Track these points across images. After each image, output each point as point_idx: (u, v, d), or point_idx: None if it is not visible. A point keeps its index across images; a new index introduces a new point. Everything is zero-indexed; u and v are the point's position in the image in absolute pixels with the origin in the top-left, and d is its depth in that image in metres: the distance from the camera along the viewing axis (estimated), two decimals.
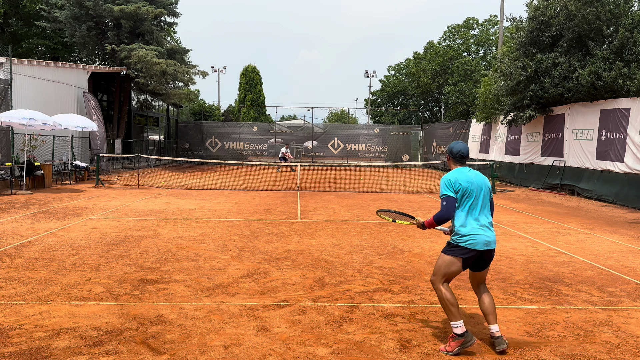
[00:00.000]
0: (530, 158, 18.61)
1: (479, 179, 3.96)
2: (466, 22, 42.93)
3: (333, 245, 7.73)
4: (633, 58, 14.25)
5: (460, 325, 3.81)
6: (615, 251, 7.74)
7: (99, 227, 8.78)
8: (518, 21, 17.66)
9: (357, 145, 35.03)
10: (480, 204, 3.91)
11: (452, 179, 3.90)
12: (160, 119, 33.80)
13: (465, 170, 3.98)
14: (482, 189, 3.94)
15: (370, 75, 53.08)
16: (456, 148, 4.06)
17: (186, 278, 5.76)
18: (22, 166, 14.50)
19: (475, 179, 3.94)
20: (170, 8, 26.16)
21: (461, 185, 3.87)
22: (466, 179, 3.91)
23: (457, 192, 3.87)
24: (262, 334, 4.18)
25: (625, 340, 4.24)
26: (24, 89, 17.23)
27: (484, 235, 3.86)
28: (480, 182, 3.95)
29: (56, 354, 3.75)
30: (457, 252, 3.88)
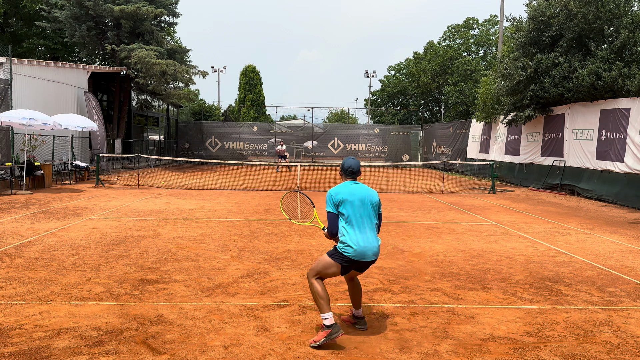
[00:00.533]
0: (530, 158, 18.61)
1: (362, 192, 4.14)
2: (466, 22, 42.93)
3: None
4: (633, 58, 14.25)
5: (329, 317, 3.93)
6: (615, 251, 7.74)
7: (99, 227, 8.78)
8: (518, 21, 17.66)
9: (357, 145, 35.02)
10: (362, 216, 4.07)
11: (334, 192, 4.12)
12: (160, 119, 33.80)
13: (350, 184, 4.18)
14: (365, 201, 4.10)
15: (370, 75, 53.08)
16: (347, 164, 4.27)
17: (186, 278, 5.76)
18: (22, 166, 14.50)
19: (358, 192, 4.12)
20: (170, 8, 26.16)
21: (341, 198, 4.06)
22: (347, 191, 4.10)
23: (337, 205, 4.07)
24: (262, 334, 4.18)
25: (625, 340, 4.24)
26: (24, 89, 17.23)
27: (364, 247, 4.02)
28: (363, 195, 4.12)
29: (56, 354, 3.75)
30: (339, 258, 4.07)
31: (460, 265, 6.65)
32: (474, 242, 8.22)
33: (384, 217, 10.68)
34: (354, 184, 4.20)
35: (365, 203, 4.11)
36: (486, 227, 9.74)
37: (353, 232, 4.04)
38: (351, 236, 4.03)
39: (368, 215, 4.12)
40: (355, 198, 4.09)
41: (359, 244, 4.01)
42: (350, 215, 4.06)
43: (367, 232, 4.08)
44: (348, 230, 4.05)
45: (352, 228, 4.05)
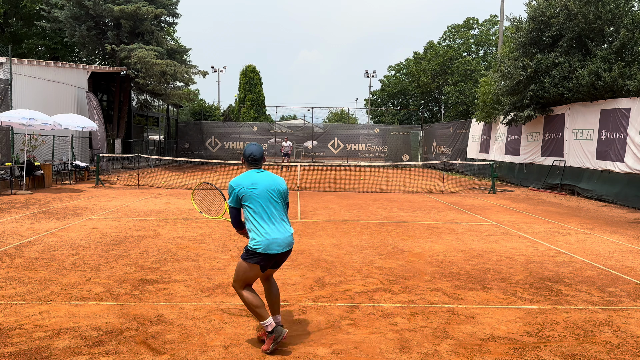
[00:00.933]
0: (530, 158, 18.61)
1: (267, 180, 3.90)
2: (466, 22, 42.93)
3: (333, 245, 7.72)
4: (634, 58, 14.25)
5: (270, 323, 3.79)
6: (615, 251, 7.74)
7: (99, 227, 8.78)
8: (518, 21, 17.65)
9: (357, 145, 35.02)
10: (270, 206, 3.85)
11: (235, 184, 3.86)
12: (160, 119, 33.79)
13: (254, 173, 3.92)
14: (272, 191, 3.88)
15: (370, 75, 53.09)
16: (248, 150, 3.98)
17: (186, 278, 5.76)
18: (22, 166, 14.49)
19: (263, 181, 3.87)
20: (170, 8, 26.16)
21: (244, 189, 3.81)
22: (251, 182, 3.85)
23: (241, 198, 3.83)
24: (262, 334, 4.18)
25: (625, 340, 4.24)
26: (24, 89, 17.23)
27: (276, 240, 3.80)
28: (268, 184, 3.88)
29: (56, 354, 3.74)
30: (254, 259, 3.81)
31: (460, 265, 6.65)
32: (474, 242, 8.22)
33: (383, 216, 10.68)
34: (258, 172, 3.93)
35: (272, 192, 3.88)
36: (486, 227, 9.74)
37: (263, 225, 3.80)
38: (261, 230, 3.78)
39: (276, 205, 3.89)
40: (261, 188, 3.84)
41: (271, 237, 3.78)
42: (258, 207, 3.81)
43: (278, 223, 3.86)
44: (257, 224, 3.80)
45: (261, 221, 3.81)
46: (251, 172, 3.94)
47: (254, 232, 3.81)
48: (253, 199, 3.81)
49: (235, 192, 3.85)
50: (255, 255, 3.80)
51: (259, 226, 3.79)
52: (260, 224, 3.80)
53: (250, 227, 3.83)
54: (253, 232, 3.81)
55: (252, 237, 3.82)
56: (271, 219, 3.83)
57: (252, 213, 3.82)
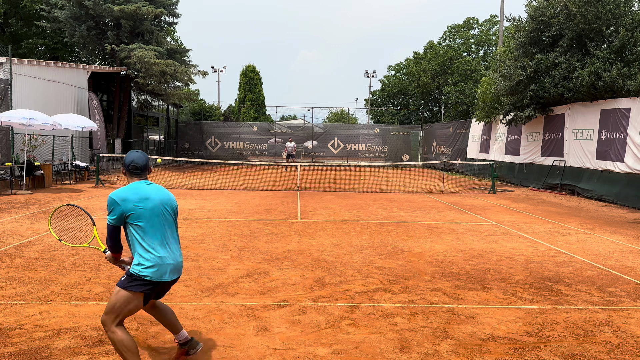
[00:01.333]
0: (530, 158, 18.60)
1: (160, 194, 3.35)
2: (466, 22, 42.93)
3: (333, 245, 7.72)
4: (633, 58, 14.25)
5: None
6: (615, 251, 7.74)
7: (98, 227, 8.77)
8: (518, 21, 17.65)
9: (357, 145, 35.01)
10: (164, 225, 3.32)
11: (118, 198, 3.23)
12: (160, 119, 33.80)
13: (142, 185, 3.32)
14: (166, 206, 3.35)
15: (370, 75, 53.08)
16: (129, 158, 3.37)
17: (186, 278, 5.75)
18: (22, 166, 14.49)
19: (155, 195, 3.31)
20: (170, 8, 26.16)
21: (131, 205, 3.21)
22: (140, 195, 3.25)
23: (127, 215, 3.22)
24: (262, 334, 4.18)
25: (625, 340, 4.24)
26: (24, 89, 17.23)
27: (171, 265, 3.30)
28: (161, 199, 3.34)
29: (56, 354, 3.74)
30: (138, 286, 3.21)
31: (460, 265, 6.65)
32: (474, 242, 8.22)
33: (383, 216, 10.68)
34: (147, 184, 3.35)
35: (167, 209, 3.35)
36: (486, 227, 9.74)
37: (156, 247, 3.25)
38: (154, 253, 3.23)
39: (171, 224, 3.37)
40: (154, 203, 3.28)
41: (165, 262, 3.25)
42: (149, 226, 3.23)
43: (172, 246, 3.35)
44: (148, 247, 3.23)
45: (154, 242, 3.25)
46: (139, 183, 3.33)
47: (142, 257, 3.22)
48: (144, 216, 3.22)
49: (120, 208, 3.21)
50: (144, 284, 3.21)
51: (150, 249, 3.22)
52: (152, 246, 3.23)
53: (138, 250, 3.24)
54: (141, 257, 3.22)
55: (139, 261, 3.22)
56: (166, 240, 3.31)
57: (141, 233, 3.23)
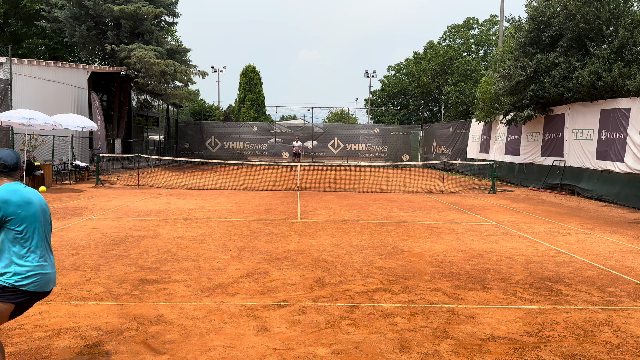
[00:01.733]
0: (530, 158, 18.60)
1: (38, 197, 3.17)
2: (466, 22, 42.94)
3: (333, 245, 7.72)
4: (633, 58, 14.24)
5: None
6: (615, 251, 7.74)
7: (99, 227, 8.78)
8: (517, 21, 17.66)
9: (357, 145, 35.01)
10: (42, 231, 3.12)
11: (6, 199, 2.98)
12: (160, 119, 33.79)
13: (20, 187, 3.09)
14: (45, 210, 3.19)
15: (370, 75, 53.05)
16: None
17: (186, 278, 5.76)
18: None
19: (35, 198, 3.13)
20: (170, 8, 26.15)
21: (12, 208, 2.98)
22: (21, 198, 3.03)
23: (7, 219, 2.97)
24: (262, 334, 4.18)
25: (625, 340, 4.24)
26: (24, 89, 17.23)
27: (49, 273, 3.11)
28: (40, 202, 3.16)
29: (56, 354, 3.75)
30: (10, 296, 2.96)
31: (460, 265, 6.65)
32: (474, 242, 8.22)
33: (383, 216, 10.68)
34: (24, 186, 3.12)
35: (46, 213, 3.19)
36: (486, 227, 9.74)
37: (38, 254, 3.05)
38: (36, 261, 3.03)
39: (49, 230, 3.21)
40: (36, 207, 3.09)
41: (47, 271, 3.09)
42: (31, 231, 3.03)
43: (51, 254, 3.20)
44: (29, 253, 3.02)
45: (36, 249, 3.06)
46: (15, 185, 3.08)
47: (20, 265, 2.98)
48: (25, 220, 3.02)
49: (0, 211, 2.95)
50: (13, 292, 2.96)
51: (32, 256, 3.02)
52: (34, 252, 3.03)
53: (13, 259, 2.99)
54: (19, 265, 2.98)
55: (14, 270, 2.97)
56: (47, 247, 3.14)
57: (20, 239, 3.00)
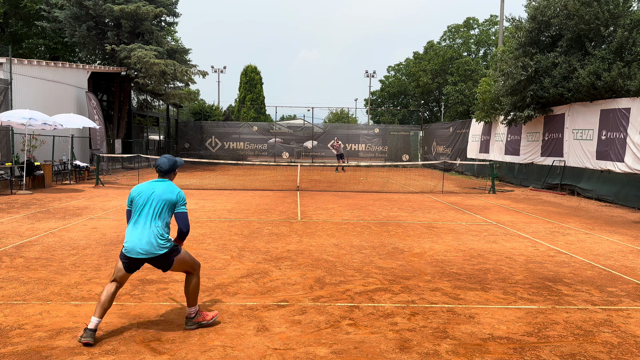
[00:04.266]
0: (530, 158, 18.60)
1: (150, 190, 4.17)
2: (466, 22, 42.93)
3: (333, 245, 7.73)
4: (633, 58, 14.24)
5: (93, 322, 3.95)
6: (615, 251, 7.74)
7: (99, 227, 8.78)
8: (517, 21, 17.65)
9: (357, 145, 35.01)
10: (145, 213, 4.12)
11: (132, 190, 4.26)
12: (160, 119, 33.79)
13: (148, 183, 4.25)
14: (152, 199, 4.14)
15: (370, 75, 53.09)
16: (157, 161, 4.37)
17: None
18: (22, 166, 14.49)
19: (146, 191, 4.18)
20: (170, 8, 26.16)
21: (132, 196, 4.20)
22: (138, 190, 4.20)
23: (130, 202, 4.21)
24: (262, 334, 4.18)
25: (625, 340, 4.24)
26: (24, 89, 17.23)
27: (136, 246, 4.06)
28: (150, 194, 4.16)
29: (56, 354, 3.75)
30: (120, 255, 4.17)
31: (460, 265, 6.65)
32: (474, 242, 8.22)
33: (383, 216, 10.68)
34: (150, 182, 4.25)
35: (155, 201, 4.14)
36: (486, 227, 9.74)
37: (134, 229, 4.12)
38: (131, 234, 4.11)
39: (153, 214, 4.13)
40: (143, 197, 4.16)
41: (134, 243, 4.07)
42: (138, 212, 4.15)
43: (148, 230, 4.10)
44: (130, 227, 4.16)
45: (134, 225, 4.13)
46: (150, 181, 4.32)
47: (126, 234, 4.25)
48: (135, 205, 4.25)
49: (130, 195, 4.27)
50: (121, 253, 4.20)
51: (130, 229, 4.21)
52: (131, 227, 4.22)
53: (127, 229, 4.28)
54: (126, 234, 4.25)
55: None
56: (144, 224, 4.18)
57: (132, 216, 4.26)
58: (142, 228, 4.10)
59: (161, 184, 4.22)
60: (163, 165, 4.30)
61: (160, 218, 4.14)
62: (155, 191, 4.17)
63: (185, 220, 4.23)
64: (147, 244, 4.06)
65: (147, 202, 4.14)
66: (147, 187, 4.21)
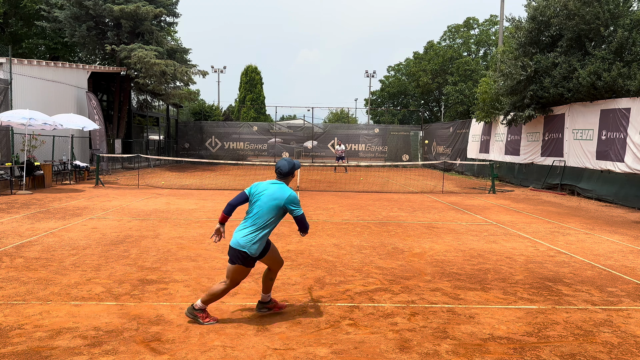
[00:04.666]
0: (530, 158, 18.60)
1: (266, 191, 4.36)
2: (466, 22, 42.91)
3: (333, 245, 7.73)
4: (633, 58, 14.24)
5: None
6: (615, 251, 7.74)
7: (99, 227, 8.78)
8: (517, 21, 17.65)
9: (357, 145, 35.01)
10: (254, 212, 4.35)
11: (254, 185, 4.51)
12: (160, 119, 33.78)
13: (268, 183, 4.45)
14: (264, 200, 4.34)
15: (370, 75, 53.07)
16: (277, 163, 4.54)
17: (186, 278, 5.76)
18: (22, 166, 14.49)
19: (264, 191, 4.38)
20: (170, 8, 26.15)
21: (251, 191, 4.43)
22: (257, 189, 4.43)
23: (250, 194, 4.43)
24: (262, 334, 4.18)
25: (625, 340, 4.24)
26: (24, 89, 17.23)
27: (235, 237, 4.36)
28: (264, 195, 4.35)
29: (56, 354, 3.74)
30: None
31: (460, 265, 6.65)
32: (474, 242, 8.22)
33: (383, 216, 10.67)
34: (270, 183, 4.44)
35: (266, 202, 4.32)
36: (486, 227, 9.74)
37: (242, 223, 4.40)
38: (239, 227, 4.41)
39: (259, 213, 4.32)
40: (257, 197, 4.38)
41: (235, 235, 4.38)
42: (249, 209, 4.42)
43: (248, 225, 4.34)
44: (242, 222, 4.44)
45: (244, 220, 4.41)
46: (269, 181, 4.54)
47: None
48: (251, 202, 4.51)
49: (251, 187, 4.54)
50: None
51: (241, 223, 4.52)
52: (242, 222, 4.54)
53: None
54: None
55: None
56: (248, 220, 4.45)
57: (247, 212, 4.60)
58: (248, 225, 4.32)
59: (274, 186, 4.39)
60: (283, 168, 4.44)
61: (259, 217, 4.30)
62: (266, 191, 4.36)
63: (302, 221, 4.41)
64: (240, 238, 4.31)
65: (258, 201, 4.33)
66: (264, 186, 4.40)
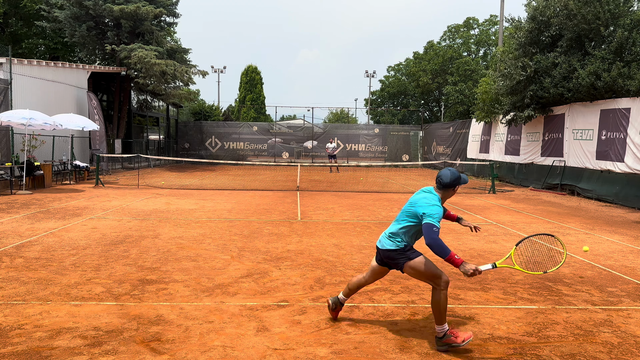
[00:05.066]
0: (530, 158, 18.60)
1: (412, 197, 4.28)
2: (466, 22, 42.91)
3: (333, 245, 7.73)
4: (633, 58, 14.24)
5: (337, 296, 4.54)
6: (615, 251, 7.74)
7: (99, 227, 8.78)
8: (517, 21, 17.65)
9: (357, 145, 35.01)
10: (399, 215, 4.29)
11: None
12: (160, 119, 33.78)
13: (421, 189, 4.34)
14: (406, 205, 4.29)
15: (370, 75, 53.07)
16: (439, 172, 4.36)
17: (186, 278, 5.76)
18: (22, 166, 14.49)
19: (411, 198, 4.29)
20: (170, 8, 26.15)
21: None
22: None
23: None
24: (262, 334, 4.18)
25: (625, 340, 4.24)
26: (24, 89, 17.23)
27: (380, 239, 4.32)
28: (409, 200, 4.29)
29: (56, 354, 3.74)
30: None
31: None
32: (474, 242, 8.22)
33: (383, 216, 10.66)
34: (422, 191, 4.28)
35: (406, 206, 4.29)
36: (486, 227, 9.74)
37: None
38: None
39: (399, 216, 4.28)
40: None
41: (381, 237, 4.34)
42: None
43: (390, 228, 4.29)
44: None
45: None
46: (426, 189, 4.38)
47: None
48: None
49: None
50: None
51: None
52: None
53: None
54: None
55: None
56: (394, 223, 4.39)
57: None
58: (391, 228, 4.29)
59: (421, 194, 4.17)
60: (444, 178, 4.11)
61: (398, 221, 4.21)
62: (413, 197, 4.26)
63: (428, 232, 3.83)
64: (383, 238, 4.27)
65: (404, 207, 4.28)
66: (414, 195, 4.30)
